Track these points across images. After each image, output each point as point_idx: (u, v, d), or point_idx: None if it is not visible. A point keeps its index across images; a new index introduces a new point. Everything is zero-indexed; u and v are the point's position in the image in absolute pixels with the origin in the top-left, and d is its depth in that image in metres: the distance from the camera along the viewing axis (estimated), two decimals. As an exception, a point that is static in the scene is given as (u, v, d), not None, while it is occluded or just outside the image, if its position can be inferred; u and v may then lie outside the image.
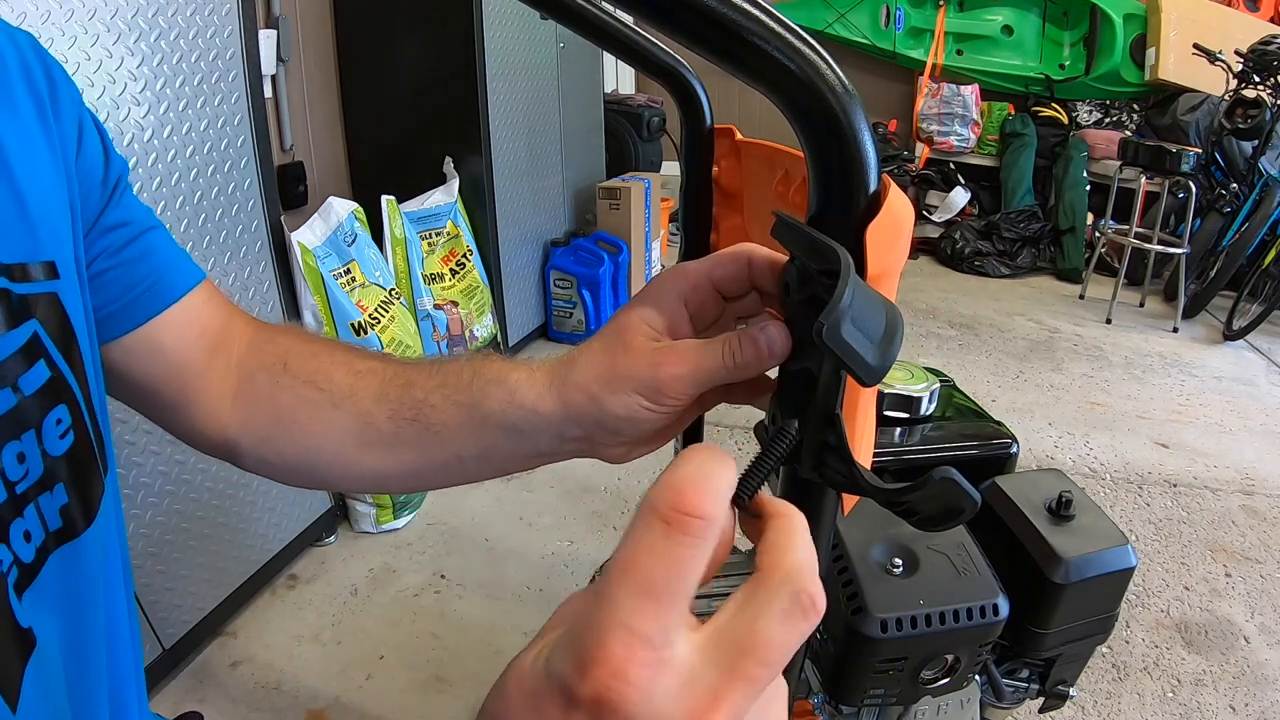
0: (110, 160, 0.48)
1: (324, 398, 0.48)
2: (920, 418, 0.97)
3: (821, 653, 0.77)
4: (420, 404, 0.45)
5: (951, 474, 0.30)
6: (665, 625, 0.21)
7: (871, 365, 0.27)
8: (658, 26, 0.26)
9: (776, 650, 0.22)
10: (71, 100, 0.45)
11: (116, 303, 0.47)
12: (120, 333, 0.48)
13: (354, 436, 0.47)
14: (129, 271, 0.48)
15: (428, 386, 0.45)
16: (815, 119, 0.27)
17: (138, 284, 0.48)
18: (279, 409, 0.50)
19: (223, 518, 1.55)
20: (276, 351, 0.52)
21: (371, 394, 0.47)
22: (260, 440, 0.51)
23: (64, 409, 0.40)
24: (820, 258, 0.29)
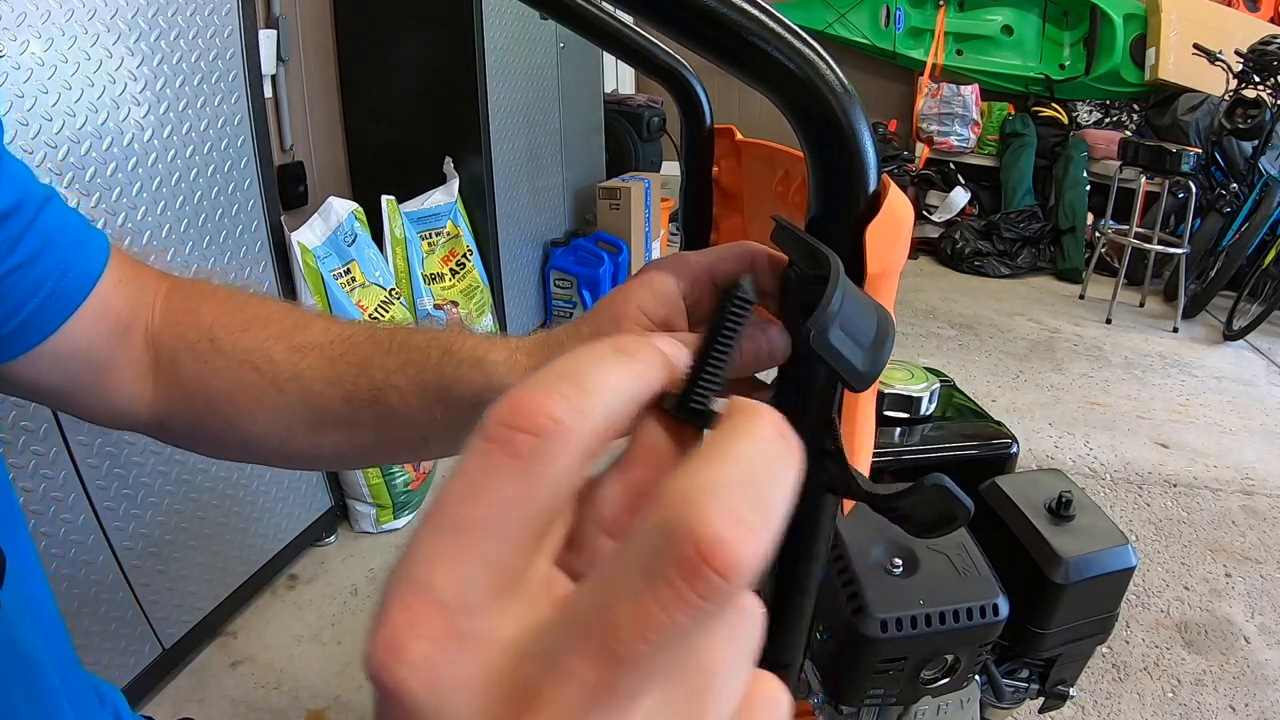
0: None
1: (264, 380, 0.42)
2: (920, 418, 0.97)
3: (821, 652, 0.77)
4: (381, 386, 0.40)
5: (943, 481, 0.30)
6: (467, 581, 0.15)
7: (860, 371, 0.27)
8: (658, 26, 0.26)
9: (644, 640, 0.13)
10: None
11: (18, 315, 0.39)
12: (26, 349, 0.40)
13: (304, 420, 0.42)
14: (29, 272, 0.39)
15: (388, 367, 0.40)
16: (815, 119, 0.27)
17: (41, 284, 0.39)
18: (211, 392, 0.44)
19: (223, 518, 1.55)
20: (199, 325, 0.45)
21: (320, 376, 0.42)
22: (192, 424, 0.45)
23: None
24: (813, 262, 0.29)
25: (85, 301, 0.41)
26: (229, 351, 0.43)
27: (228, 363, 0.43)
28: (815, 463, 0.35)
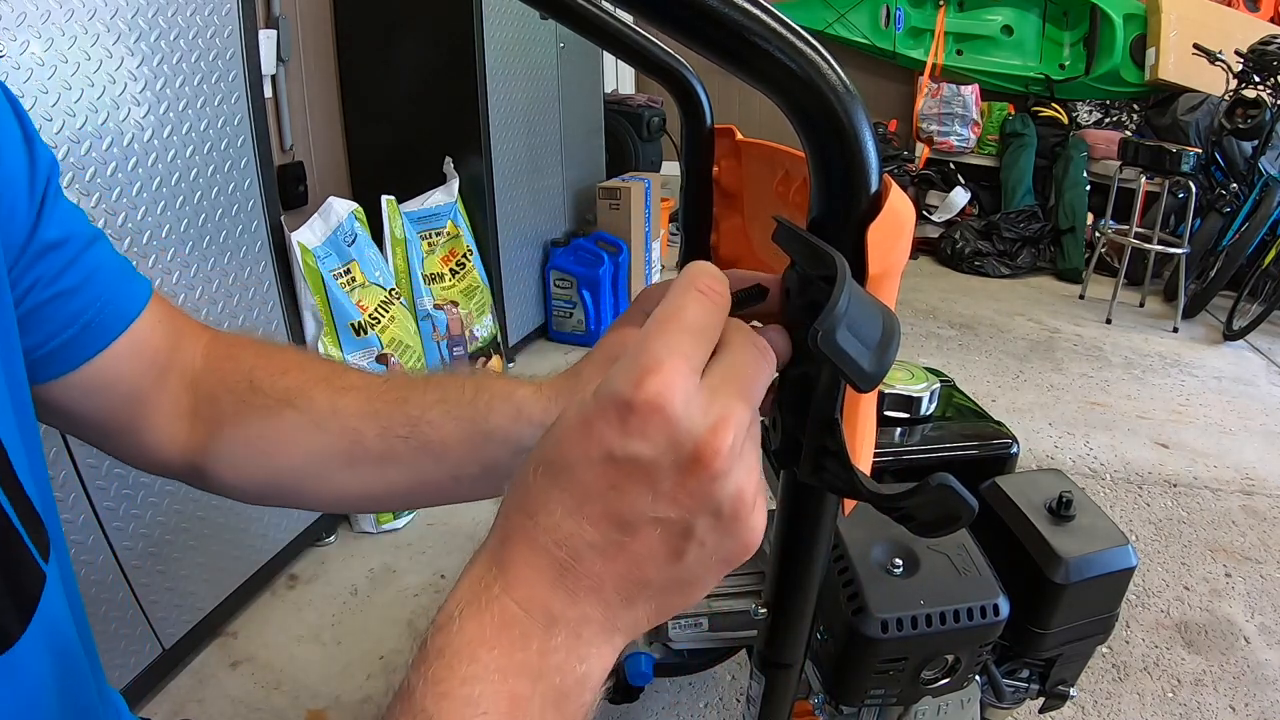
0: (36, 160, 0.39)
1: (303, 417, 0.44)
2: (920, 418, 0.97)
3: (822, 653, 0.77)
4: (416, 420, 0.42)
5: (949, 480, 0.30)
6: (700, 358, 0.27)
7: (867, 371, 0.27)
8: (658, 26, 0.26)
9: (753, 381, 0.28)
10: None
11: (57, 338, 0.41)
12: (62, 372, 0.42)
13: (339, 456, 0.44)
14: (70, 301, 0.41)
15: (424, 403, 0.43)
16: (816, 119, 0.27)
17: (81, 314, 0.41)
18: (249, 432, 0.45)
19: (222, 518, 1.55)
20: (239, 369, 0.47)
21: (358, 411, 0.44)
22: (228, 464, 0.46)
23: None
24: (818, 263, 0.29)
25: (122, 335, 0.43)
26: (268, 391, 0.45)
27: (266, 401, 0.45)
28: (817, 463, 0.35)
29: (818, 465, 0.35)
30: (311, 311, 1.79)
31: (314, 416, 0.44)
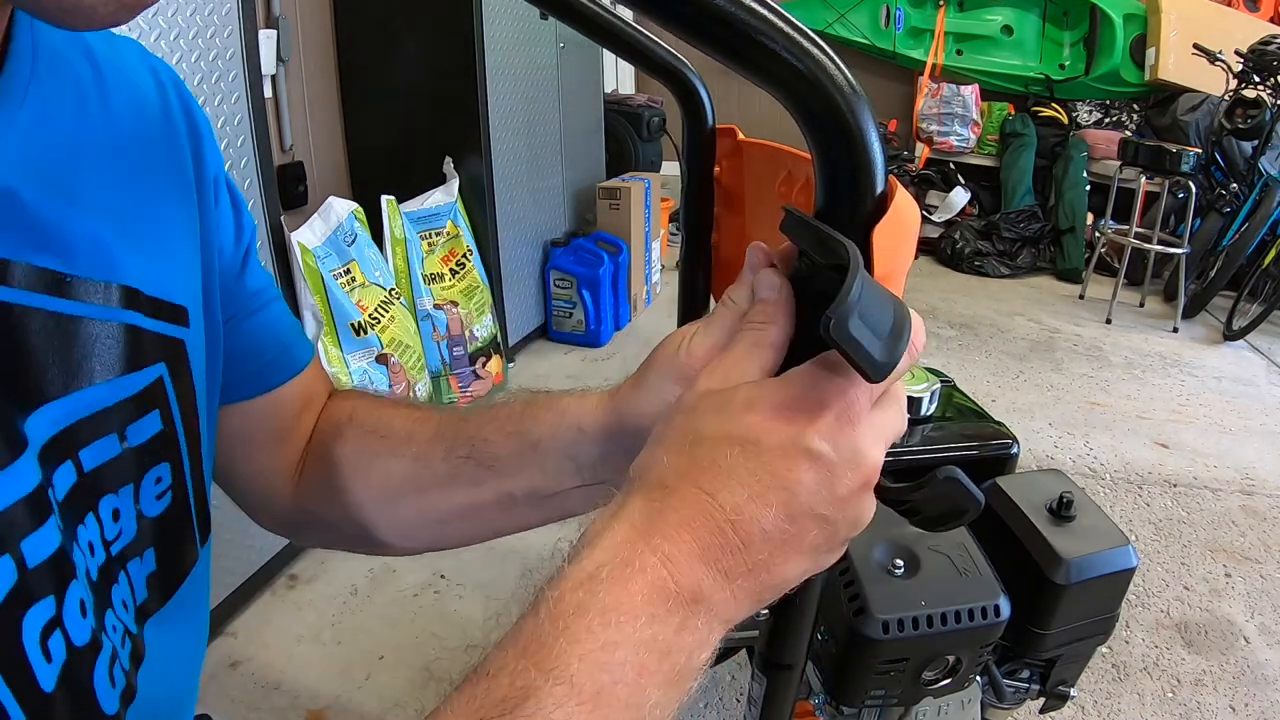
0: (242, 224, 0.47)
1: (384, 445, 0.48)
2: (920, 418, 0.97)
3: (823, 653, 0.77)
4: (474, 439, 0.45)
5: (956, 474, 0.30)
6: None
7: (878, 361, 0.27)
8: (663, 25, 0.26)
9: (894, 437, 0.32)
10: (214, 153, 0.43)
11: (246, 367, 0.47)
12: (247, 395, 0.48)
13: (410, 481, 0.47)
14: (258, 339, 0.48)
15: (481, 422, 0.45)
16: (823, 119, 0.27)
17: (266, 351, 0.49)
18: (337, 460, 0.50)
19: (222, 518, 1.54)
20: (345, 408, 0.53)
21: (428, 435, 0.47)
22: (321, 499, 0.50)
23: (166, 468, 0.38)
24: (829, 253, 0.29)
25: (295, 378, 0.50)
26: (362, 423, 0.50)
27: (358, 432, 0.50)
28: None
29: None
30: (311, 311, 1.79)
31: (391, 443, 0.48)
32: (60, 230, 0.31)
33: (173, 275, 0.38)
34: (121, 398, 0.34)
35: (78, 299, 0.32)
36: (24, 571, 0.29)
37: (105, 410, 0.34)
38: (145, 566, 0.38)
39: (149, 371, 0.36)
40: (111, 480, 0.35)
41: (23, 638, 0.29)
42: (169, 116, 0.40)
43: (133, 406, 0.35)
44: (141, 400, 0.35)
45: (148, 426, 0.36)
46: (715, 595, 0.27)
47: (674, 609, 0.26)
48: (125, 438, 0.35)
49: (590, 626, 0.25)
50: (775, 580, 0.29)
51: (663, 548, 0.27)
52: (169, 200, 0.39)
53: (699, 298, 0.85)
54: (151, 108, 0.39)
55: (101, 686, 0.32)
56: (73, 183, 0.33)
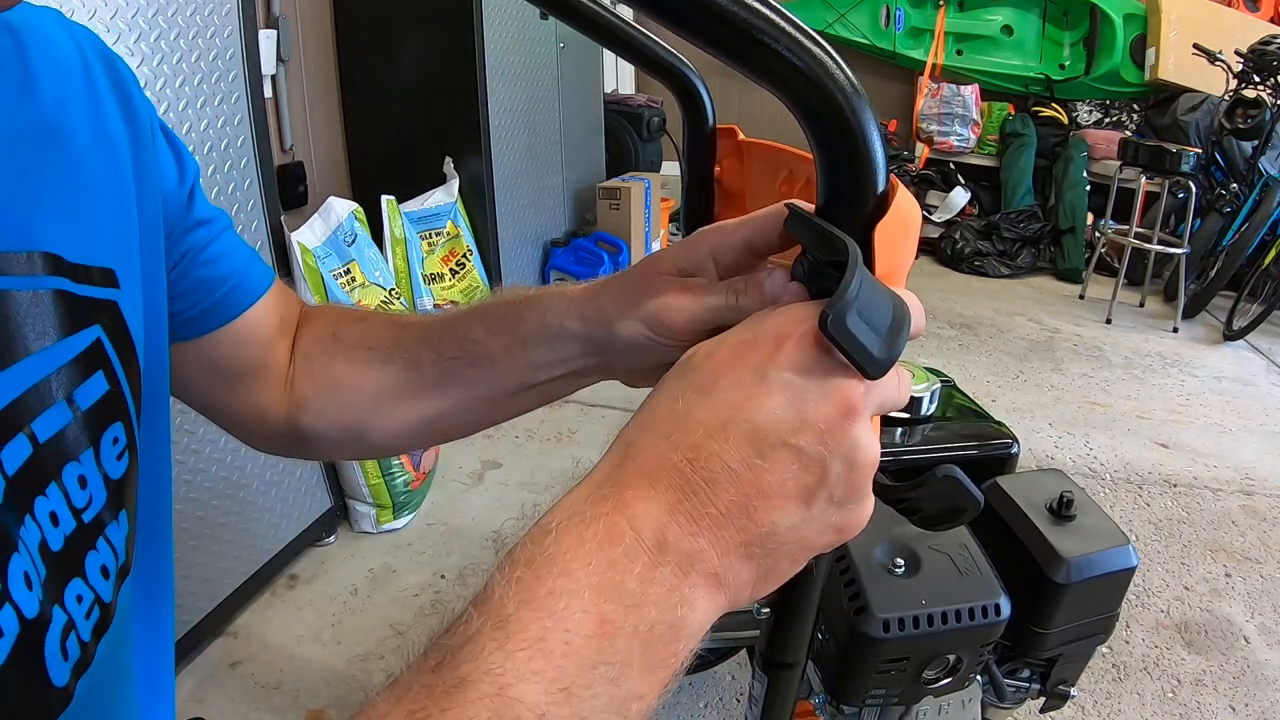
0: (184, 163, 0.48)
1: (373, 356, 0.50)
2: (920, 418, 0.97)
3: (823, 653, 0.77)
4: (462, 339, 0.47)
5: (954, 473, 0.30)
6: None
7: (876, 358, 0.27)
8: (664, 24, 0.26)
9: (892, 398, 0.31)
10: (142, 101, 0.44)
11: (208, 299, 0.48)
12: (215, 325, 0.49)
13: (405, 386, 0.49)
14: (215, 268, 0.49)
15: (468, 323, 0.47)
16: (824, 118, 0.27)
17: (226, 279, 0.49)
18: (333, 377, 0.51)
19: (223, 518, 1.55)
20: (325, 326, 0.54)
21: (416, 340, 0.49)
22: (316, 412, 0.52)
23: (120, 427, 0.38)
24: (830, 250, 0.29)
25: (258, 301, 0.51)
26: (346, 339, 0.52)
27: (345, 348, 0.52)
28: None
29: None
30: (312, 311, 1.79)
31: (381, 353, 0.50)
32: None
33: (98, 238, 0.37)
34: (62, 363, 0.34)
35: None
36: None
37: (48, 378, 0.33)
38: (121, 529, 0.38)
39: (85, 334, 0.35)
40: (71, 447, 0.34)
41: None
42: (90, 77, 0.40)
43: (75, 370, 0.35)
44: (83, 363, 0.35)
45: (94, 388, 0.36)
46: (685, 542, 0.26)
47: (634, 554, 0.25)
48: (74, 402, 0.34)
49: (538, 574, 0.25)
50: (762, 527, 0.27)
51: (619, 494, 0.26)
52: (92, 162, 0.38)
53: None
54: (73, 72, 0.39)
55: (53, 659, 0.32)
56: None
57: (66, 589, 0.33)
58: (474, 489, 2.18)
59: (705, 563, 0.26)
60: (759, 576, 0.28)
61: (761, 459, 0.26)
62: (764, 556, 0.28)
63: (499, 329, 0.45)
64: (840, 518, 0.29)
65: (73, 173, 0.37)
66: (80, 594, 0.34)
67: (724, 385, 0.27)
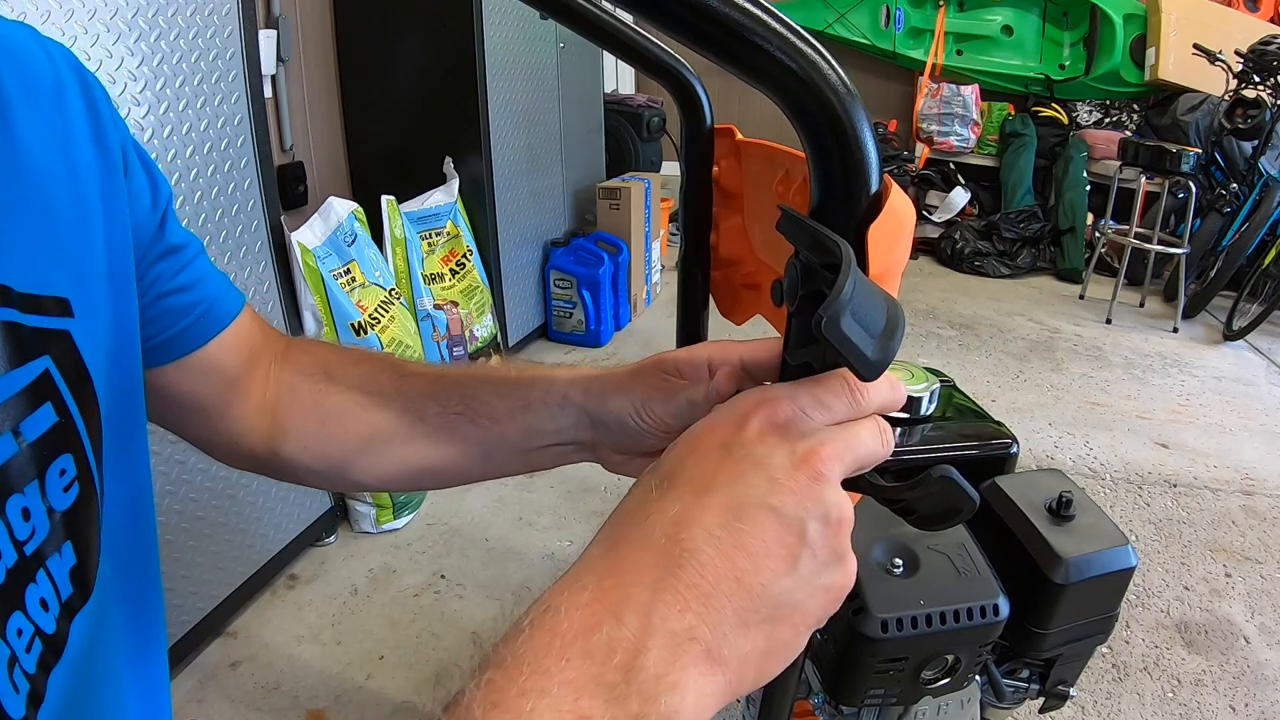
0: (157, 188, 0.47)
1: (371, 400, 0.50)
2: (920, 418, 0.97)
3: (822, 653, 0.77)
4: (470, 397, 0.48)
5: (951, 473, 0.30)
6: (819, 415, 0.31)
7: (871, 359, 0.27)
8: (658, 26, 0.26)
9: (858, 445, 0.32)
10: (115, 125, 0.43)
11: (175, 326, 0.48)
12: (178, 355, 0.49)
13: (402, 430, 0.50)
14: (185, 295, 0.48)
15: (475, 383, 0.49)
16: (817, 119, 0.27)
17: (195, 306, 0.49)
18: (324, 413, 0.51)
19: (223, 518, 1.55)
20: (315, 362, 0.54)
21: (421, 391, 0.50)
22: (299, 445, 0.52)
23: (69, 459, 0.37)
24: (823, 251, 0.29)
25: (227, 328, 0.51)
26: (340, 379, 0.52)
27: (339, 387, 0.52)
28: None
29: None
30: (311, 311, 1.79)
31: (380, 398, 0.50)
32: None
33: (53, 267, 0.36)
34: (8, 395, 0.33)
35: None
36: None
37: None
38: (65, 561, 0.37)
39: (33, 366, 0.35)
40: (15, 479, 0.34)
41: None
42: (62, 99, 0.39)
43: (23, 402, 0.34)
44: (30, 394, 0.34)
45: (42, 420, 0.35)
46: (673, 620, 0.25)
47: (613, 643, 0.24)
48: (20, 434, 0.34)
49: (509, 675, 0.24)
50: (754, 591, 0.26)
51: (597, 584, 0.26)
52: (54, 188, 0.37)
53: (698, 298, 0.85)
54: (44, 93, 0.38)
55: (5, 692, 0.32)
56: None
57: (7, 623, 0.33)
58: (474, 489, 2.18)
59: (698, 639, 0.25)
60: (762, 650, 0.27)
61: (741, 522, 0.27)
62: (761, 623, 0.27)
63: (506, 391, 0.48)
64: (828, 578, 0.29)
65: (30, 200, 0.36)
66: (20, 628, 0.34)
67: (694, 465, 0.29)
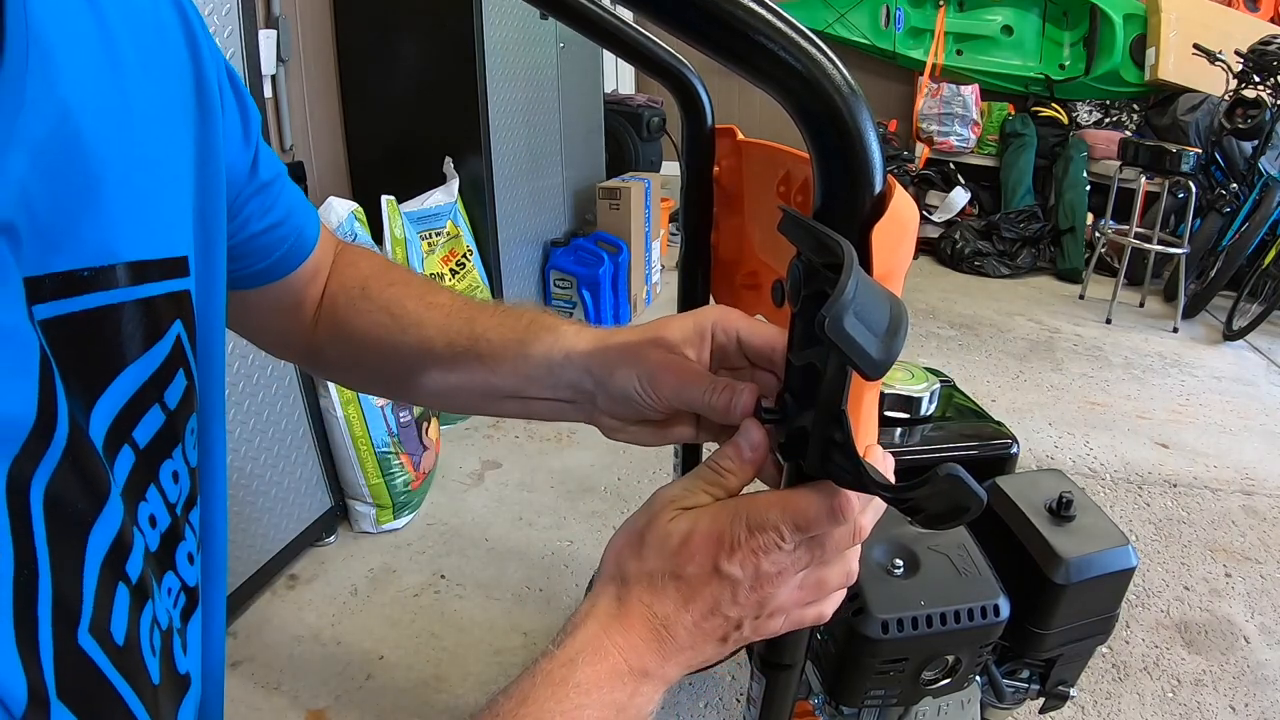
0: (249, 120, 0.46)
1: (395, 324, 0.54)
2: (920, 418, 0.97)
3: (822, 653, 0.77)
4: (478, 336, 0.51)
5: (957, 471, 0.30)
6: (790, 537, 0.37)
7: (874, 358, 0.27)
8: (662, 25, 0.26)
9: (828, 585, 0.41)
10: (212, 55, 0.41)
11: (268, 259, 0.51)
12: (268, 282, 0.52)
13: (415, 360, 0.54)
14: (274, 233, 0.50)
15: (487, 323, 0.52)
16: (821, 119, 0.27)
17: (282, 242, 0.51)
18: (354, 330, 0.55)
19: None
20: (357, 276, 0.57)
21: (436, 325, 0.53)
22: (334, 356, 0.57)
23: (195, 417, 0.39)
24: (825, 251, 0.29)
25: (309, 257, 0.54)
26: (375, 298, 0.55)
27: (371, 307, 0.55)
28: (824, 455, 0.35)
29: (825, 457, 0.35)
30: (311, 311, 1.79)
31: (402, 324, 0.54)
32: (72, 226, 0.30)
33: (171, 225, 0.36)
34: (154, 369, 0.35)
35: (97, 290, 0.31)
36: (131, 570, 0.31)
37: (144, 385, 0.34)
38: (197, 510, 0.41)
39: (169, 336, 0.36)
40: (166, 447, 0.36)
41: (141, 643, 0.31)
42: (163, 33, 0.37)
43: (164, 373, 0.36)
44: (169, 364, 0.36)
45: (178, 386, 0.37)
46: (656, 670, 0.37)
47: (627, 682, 0.37)
48: (165, 404, 0.36)
49: (569, 693, 0.35)
50: (698, 654, 0.39)
51: (619, 641, 0.37)
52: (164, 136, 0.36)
53: (698, 298, 0.85)
54: (147, 29, 0.36)
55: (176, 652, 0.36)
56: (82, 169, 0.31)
57: (161, 583, 0.36)
58: (474, 489, 2.18)
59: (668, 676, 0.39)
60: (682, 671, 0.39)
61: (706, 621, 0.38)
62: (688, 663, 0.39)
63: (513, 337, 0.50)
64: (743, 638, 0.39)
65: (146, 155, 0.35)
66: (170, 586, 0.37)
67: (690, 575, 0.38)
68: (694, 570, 0.37)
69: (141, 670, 0.31)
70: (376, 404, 1.88)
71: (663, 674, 0.38)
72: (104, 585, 0.29)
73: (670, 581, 0.38)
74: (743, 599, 0.37)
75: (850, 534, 0.38)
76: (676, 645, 0.38)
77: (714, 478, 0.40)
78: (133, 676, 0.30)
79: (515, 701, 0.34)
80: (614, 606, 0.38)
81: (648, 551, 0.38)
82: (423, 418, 2.05)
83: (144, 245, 0.34)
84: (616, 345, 0.46)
